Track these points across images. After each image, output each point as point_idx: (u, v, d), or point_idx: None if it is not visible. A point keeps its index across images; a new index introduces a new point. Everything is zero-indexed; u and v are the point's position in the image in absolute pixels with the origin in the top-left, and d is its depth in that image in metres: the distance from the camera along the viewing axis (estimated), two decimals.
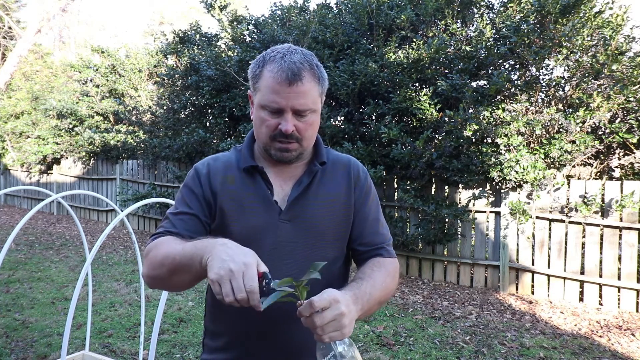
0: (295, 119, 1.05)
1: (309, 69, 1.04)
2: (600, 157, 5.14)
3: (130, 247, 7.24)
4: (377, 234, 1.18)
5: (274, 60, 1.05)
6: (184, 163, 8.01)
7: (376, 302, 1.02)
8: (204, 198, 1.11)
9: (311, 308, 0.83)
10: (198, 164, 1.17)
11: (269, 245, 1.07)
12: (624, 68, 4.64)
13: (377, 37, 5.81)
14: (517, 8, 5.16)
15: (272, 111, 1.04)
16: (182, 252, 0.92)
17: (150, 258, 1.01)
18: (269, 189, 1.11)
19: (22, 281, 5.15)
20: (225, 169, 1.14)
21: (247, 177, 1.12)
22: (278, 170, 1.14)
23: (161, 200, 2.35)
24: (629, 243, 4.40)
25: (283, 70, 1.02)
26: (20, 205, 12.58)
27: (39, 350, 3.32)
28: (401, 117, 5.74)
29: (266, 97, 1.04)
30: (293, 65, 1.02)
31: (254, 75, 1.09)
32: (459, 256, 5.38)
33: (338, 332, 0.86)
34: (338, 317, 0.85)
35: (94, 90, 10.50)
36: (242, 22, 7.47)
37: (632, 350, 3.53)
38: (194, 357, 3.29)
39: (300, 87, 1.02)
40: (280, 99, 1.02)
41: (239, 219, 1.08)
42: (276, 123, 1.04)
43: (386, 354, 3.37)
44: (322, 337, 0.84)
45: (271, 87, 1.03)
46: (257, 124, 1.09)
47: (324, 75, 1.10)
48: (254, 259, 0.84)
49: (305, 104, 1.03)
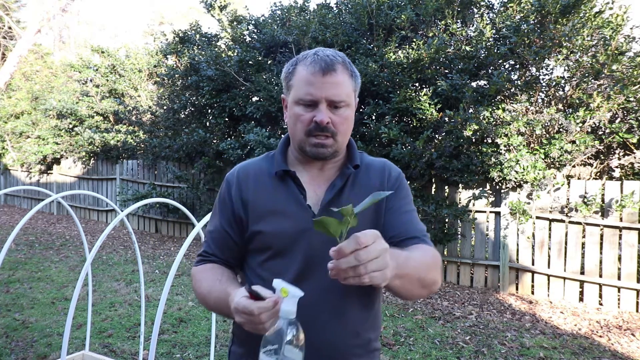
0: (330, 112, 1.04)
1: (342, 62, 1.05)
2: (600, 157, 5.14)
3: (130, 247, 7.24)
4: (411, 224, 1.10)
5: (306, 56, 1.06)
6: (184, 163, 8.01)
7: (414, 273, 0.93)
8: (234, 211, 1.12)
9: (357, 244, 0.75)
10: (228, 174, 1.18)
11: (303, 251, 1.05)
12: (624, 68, 4.64)
13: (377, 37, 5.81)
14: (517, 8, 5.16)
15: (306, 104, 1.04)
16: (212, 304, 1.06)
17: (194, 288, 1.13)
18: (301, 193, 1.08)
19: (22, 281, 5.15)
20: (257, 175, 1.13)
21: (279, 183, 1.11)
22: (312, 174, 1.12)
23: (161, 200, 2.35)
24: (629, 243, 4.40)
25: (316, 62, 1.03)
26: (20, 205, 12.58)
27: (39, 350, 3.32)
28: (401, 117, 5.74)
29: (300, 91, 1.04)
30: (326, 57, 1.04)
31: (287, 75, 1.09)
32: (459, 256, 5.38)
33: (380, 273, 0.77)
34: (383, 254, 0.77)
35: (94, 90, 10.50)
36: (242, 22, 7.47)
37: (632, 350, 3.53)
38: (194, 357, 3.29)
39: (335, 76, 1.02)
40: (314, 89, 1.02)
41: (272, 225, 1.07)
42: (311, 116, 1.03)
43: (386, 354, 3.37)
44: (363, 277, 0.76)
45: (305, 79, 1.03)
46: (291, 123, 1.08)
47: (357, 73, 1.10)
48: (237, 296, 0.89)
49: (339, 94, 1.03)
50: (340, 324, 1.04)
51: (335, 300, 1.04)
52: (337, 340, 1.03)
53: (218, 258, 1.16)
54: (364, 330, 1.08)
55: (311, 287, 1.01)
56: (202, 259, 1.17)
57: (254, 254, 1.11)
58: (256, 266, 1.09)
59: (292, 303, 0.85)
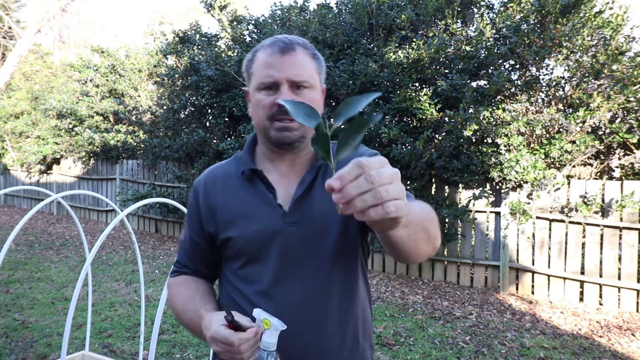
0: (292, 94, 0.98)
1: (302, 43, 1.01)
2: (600, 157, 5.14)
3: (130, 247, 7.24)
4: None
5: (265, 42, 1.03)
6: (184, 163, 8.01)
7: (419, 221, 0.82)
8: (201, 220, 1.07)
9: (360, 167, 0.59)
10: (196, 181, 1.13)
11: (277, 254, 0.99)
12: (624, 68, 4.63)
13: (377, 37, 5.81)
14: (517, 8, 5.16)
15: (267, 88, 0.98)
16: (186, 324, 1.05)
17: (170, 305, 1.12)
18: (270, 192, 1.02)
19: (22, 281, 5.15)
20: (224, 178, 1.08)
21: (248, 184, 1.05)
22: (281, 171, 1.05)
23: (161, 200, 2.35)
24: (629, 243, 4.40)
25: (275, 44, 0.99)
26: (20, 205, 12.57)
27: (38, 350, 3.32)
28: (401, 117, 5.74)
29: (260, 75, 0.99)
30: (285, 38, 1.00)
31: (247, 64, 1.05)
32: (459, 256, 5.38)
33: (402, 202, 0.61)
34: (396, 179, 0.61)
35: (94, 90, 10.50)
36: (242, 22, 7.47)
37: (632, 350, 3.53)
38: (194, 357, 3.29)
39: (294, 56, 0.98)
40: (273, 71, 0.97)
41: (242, 230, 1.01)
42: (272, 100, 0.97)
43: (386, 354, 3.37)
44: (386, 203, 0.59)
45: (264, 62, 0.99)
46: (253, 110, 1.03)
47: (321, 58, 1.05)
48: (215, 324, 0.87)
49: (300, 74, 0.98)
50: (323, 326, 0.98)
51: (316, 301, 0.98)
52: (322, 343, 0.98)
53: (190, 269, 1.13)
54: (351, 330, 1.02)
55: (289, 290, 0.97)
56: (176, 269, 1.15)
57: (228, 261, 1.06)
58: (231, 275, 1.05)
59: (273, 335, 0.82)
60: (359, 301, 1.04)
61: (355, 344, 1.03)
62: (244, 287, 1.02)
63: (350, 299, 1.02)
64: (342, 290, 1.01)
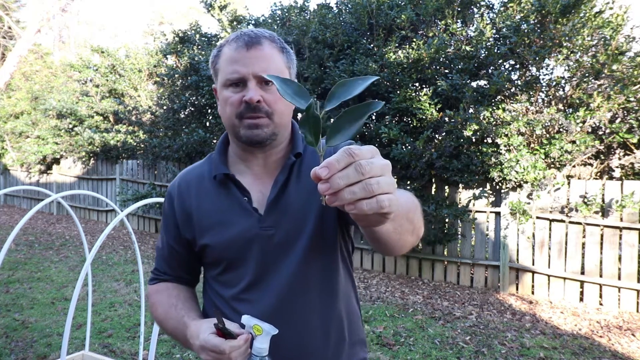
0: (260, 90, 0.93)
1: (269, 37, 0.97)
2: (601, 157, 5.14)
3: (130, 247, 7.24)
4: None
5: (230, 37, 0.98)
6: (184, 163, 8.00)
7: (404, 211, 0.77)
8: (178, 226, 1.05)
9: (350, 156, 0.55)
10: (170, 185, 1.10)
11: (255, 259, 0.97)
12: (624, 68, 4.63)
13: (377, 37, 5.81)
14: (517, 8, 5.15)
15: (234, 84, 0.94)
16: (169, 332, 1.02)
17: (151, 312, 1.09)
18: (245, 196, 0.98)
19: (22, 281, 5.15)
20: (198, 181, 1.04)
21: (221, 188, 1.01)
22: (255, 172, 1.02)
23: (161, 200, 2.35)
24: (629, 243, 4.40)
25: (240, 38, 0.95)
26: (20, 205, 12.57)
27: (38, 350, 3.32)
28: (401, 117, 5.74)
29: (226, 70, 0.95)
30: (251, 32, 0.96)
31: (213, 60, 1.00)
32: (459, 256, 5.38)
33: (391, 195, 0.56)
34: (387, 170, 0.57)
35: (94, 90, 10.50)
36: (242, 22, 7.47)
37: (632, 350, 3.53)
38: (194, 357, 3.29)
39: (260, 50, 0.94)
40: (239, 66, 0.93)
41: (219, 237, 0.99)
42: (240, 97, 0.93)
43: (386, 354, 3.37)
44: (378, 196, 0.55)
45: (229, 57, 0.95)
46: (221, 108, 0.98)
47: (290, 51, 1.01)
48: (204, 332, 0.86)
49: (268, 69, 0.93)
50: (304, 325, 0.96)
51: (295, 301, 0.96)
52: (304, 342, 0.96)
53: (170, 275, 1.10)
54: (334, 327, 0.99)
55: (268, 293, 0.96)
56: (155, 277, 1.11)
57: (208, 267, 1.05)
58: (212, 281, 1.04)
59: (265, 340, 0.81)
60: (340, 297, 1.01)
61: (341, 341, 1.01)
62: (225, 292, 1.01)
63: (330, 296, 1.00)
64: (322, 288, 0.99)
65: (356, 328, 1.07)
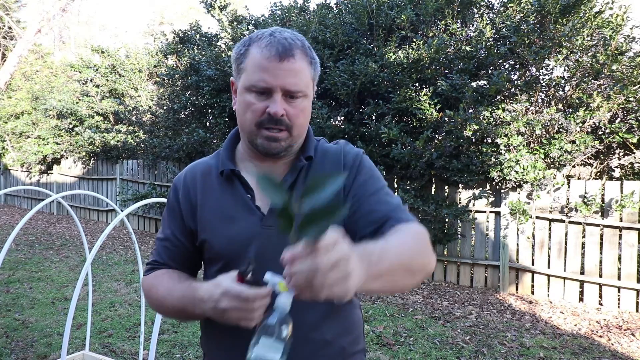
0: (285, 103, 0.92)
1: (301, 47, 0.94)
2: (600, 157, 5.14)
3: (130, 247, 7.24)
4: (380, 204, 0.95)
5: (262, 37, 0.93)
6: (184, 163, 8.01)
7: (396, 266, 0.78)
8: (183, 218, 1.03)
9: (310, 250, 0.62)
10: (175, 178, 1.09)
11: (253, 255, 0.95)
12: (624, 68, 4.64)
13: (377, 37, 5.81)
14: (517, 8, 5.16)
15: (259, 92, 0.92)
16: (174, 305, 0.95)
17: (148, 299, 1.02)
18: (249, 194, 0.98)
19: (22, 281, 5.15)
20: (204, 176, 1.04)
21: (226, 184, 1.00)
22: (262, 171, 1.01)
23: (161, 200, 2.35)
24: (629, 243, 4.40)
25: (273, 45, 0.91)
26: (20, 205, 12.58)
27: (39, 350, 3.32)
28: (401, 117, 5.74)
29: (253, 77, 0.92)
30: (284, 40, 0.92)
31: (238, 56, 0.96)
32: (459, 256, 5.38)
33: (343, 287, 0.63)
34: (344, 263, 0.63)
35: (94, 90, 10.50)
36: (242, 22, 7.48)
37: (632, 350, 3.53)
38: (194, 357, 3.29)
39: (293, 64, 0.91)
40: (269, 77, 0.90)
41: (219, 231, 0.98)
42: (264, 106, 0.91)
43: (386, 354, 3.37)
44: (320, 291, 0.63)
45: (259, 64, 0.91)
46: (241, 111, 0.96)
47: (316, 59, 0.99)
48: (226, 280, 0.81)
49: (297, 84, 0.91)
50: (304, 335, 0.92)
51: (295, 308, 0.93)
52: (305, 353, 0.93)
53: (170, 267, 1.06)
54: (335, 337, 0.97)
55: None
56: (153, 267, 1.07)
57: (208, 263, 1.04)
58: (211, 277, 0.99)
59: (289, 298, 0.75)
60: (341, 305, 0.99)
61: (339, 349, 0.98)
62: None
63: (332, 305, 0.97)
64: None
65: (357, 336, 1.04)
